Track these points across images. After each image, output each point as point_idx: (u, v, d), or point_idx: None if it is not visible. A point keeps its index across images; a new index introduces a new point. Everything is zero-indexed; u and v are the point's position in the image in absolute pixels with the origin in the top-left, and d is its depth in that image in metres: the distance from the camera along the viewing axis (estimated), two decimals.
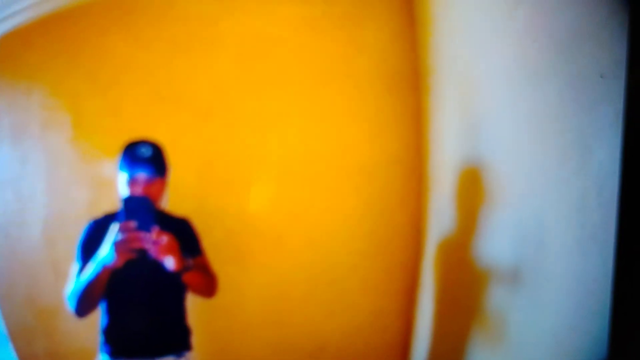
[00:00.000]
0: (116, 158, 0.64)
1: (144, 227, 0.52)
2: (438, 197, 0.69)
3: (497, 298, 0.70)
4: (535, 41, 0.70)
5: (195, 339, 0.63)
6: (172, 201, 0.64)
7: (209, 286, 0.60)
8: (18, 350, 0.64)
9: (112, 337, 0.60)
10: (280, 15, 0.65)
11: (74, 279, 0.58)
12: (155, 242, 0.54)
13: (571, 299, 0.70)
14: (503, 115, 0.70)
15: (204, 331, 0.66)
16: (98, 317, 0.62)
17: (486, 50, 0.69)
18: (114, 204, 0.64)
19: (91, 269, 0.56)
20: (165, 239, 0.54)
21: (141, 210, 0.52)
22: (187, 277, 0.58)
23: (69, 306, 0.57)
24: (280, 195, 0.66)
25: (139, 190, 0.55)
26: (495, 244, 0.70)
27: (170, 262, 0.54)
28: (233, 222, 0.65)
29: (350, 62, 0.67)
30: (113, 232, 0.53)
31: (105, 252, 0.54)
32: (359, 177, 0.67)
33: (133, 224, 0.52)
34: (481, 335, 0.70)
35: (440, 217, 0.69)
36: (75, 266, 0.59)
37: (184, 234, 0.61)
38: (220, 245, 0.66)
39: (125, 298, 0.59)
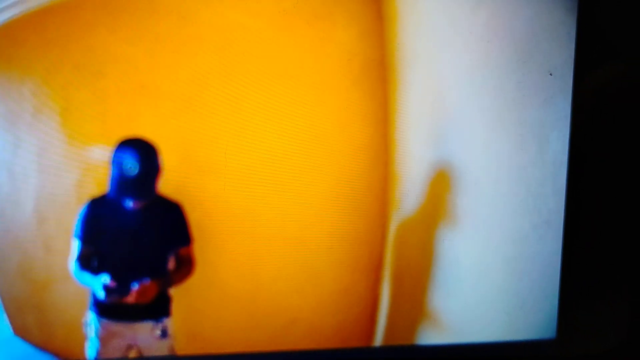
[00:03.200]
0: (101, 143, 0.69)
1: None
2: (403, 182, 0.74)
3: (452, 278, 0.75)
4: (495, 39, 0.74)
5: (174, 309, 0.70)
6: None
7: (185, 279, 0.68)
8: (12, 321, 0.69)
9: (97, 299, 0.66)
10: (256, 8, 0.70)
11: (75, 254, 0.65)
12: (139, 293, 0.63)
13: (525, 280, 0.75)
14: (465, 108, 0.75)
15: (183, 303, 0.72)
16: (87, 289, 0.69)
17: (449, 46, 0.73)
18: (99, 185, 0.69)
19: (85, 279, 0.64)
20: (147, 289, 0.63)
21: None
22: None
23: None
24: (253, 180, 0.72)
25: None
26: (455, 227, 0.75)
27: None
28: (210, 204, 0.71)
29: (320, 56, 0.71)
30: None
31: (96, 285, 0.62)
32: (328, 164, 0.72)
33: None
34: (433, 314, 0.76)
35: (405, 201, 0.74)
36: (74, 242, 0.66)
37: (175, 221, 0.67)
38: (198, 225, 0.72)
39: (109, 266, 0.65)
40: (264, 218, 0.72)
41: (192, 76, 0.69)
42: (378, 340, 0.75)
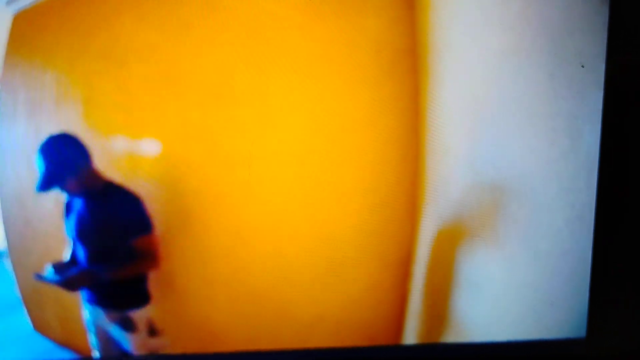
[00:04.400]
0: (125, 133, 0.67)
1: None
2: (433, 176, 0.72)
3: (481, 274, 0.73)
4: (528, 29, 0.72)
5: (197, 308, 0.68)
6: (178, 178, 0.68)
7: (137, 270, 0.66)
8: (31, 314, 0.68)
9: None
10: None
11: None
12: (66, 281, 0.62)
13: (556, 277, 0.73)
14: (496, 100, 0.73)
15: (207, 297, 0.70)
16: None
17: (481, 36, 0.71)
18: (121, 176, 0.67)
19: None
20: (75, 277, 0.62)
21: None
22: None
23: None
24: (280, 173, 0.69)
25: None
26: (486, 222, 0.73)
27: None
28: (237, 197, 0.69)
29: (350, 45, 0.69)
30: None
31: None
32: (356, 157, 0.70)
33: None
34: (462, 311, 0.74)
35: (435, 196, 0.72)
36: None
37: (127, 211, 0.65)
38: (224, 218, 0.70)
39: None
40: (291, 212, 0.70)
41: (219, 65, 0.67)
42: (406, 337, 0.73)
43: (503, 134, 0.73)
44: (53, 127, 0.66)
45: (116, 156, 0.67)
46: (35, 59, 0.64)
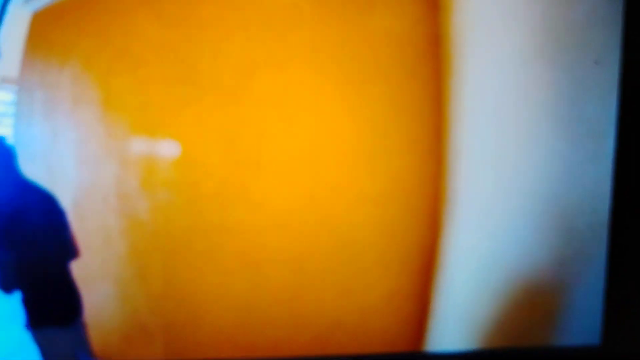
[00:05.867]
0: (143, 135, 0.66)
1: None
2: (456, 180, 0.70)
3: (500, 279, 0.72)
4: (552, 30, 0.71)
5: (215, 310, 0.66)
6: (196, 180, 0.67)
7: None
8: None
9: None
10: None
11: None
12: None
13: (576, 282, 0.72)
14: (520, 102, 0.71)
15: (225, 305, 0.69)
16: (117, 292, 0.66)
17: (506, 37, 0.70)
18: (140, 180, 0.66)
19: None
20: None
21: None
22: None
23: None
24: (299, 175, 0.68)
25: None
26: (507, 227, 0.72)
27: None
28: (255, 201, 0.67)
29: (371, 46, 0.68)
30: None
31: None
32: (376, 158, 0.69)
33: None
34: (481, 317, 0.73)
35: (459, 200, 0.71)
36: None
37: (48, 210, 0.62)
38: (241, 224, 0.68)
39: None
40: (309, 216, 0.69)
41: (239, 64, 0.66)
42: (427, 344, 0.72)
43: (526, 138, 0.72)
44: (70, 127, 0.65)
45: (134, 157, 0.66)
46: (53, 58, 0.63)
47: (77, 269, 0.66)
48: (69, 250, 0.63)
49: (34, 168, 0.64)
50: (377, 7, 0.67)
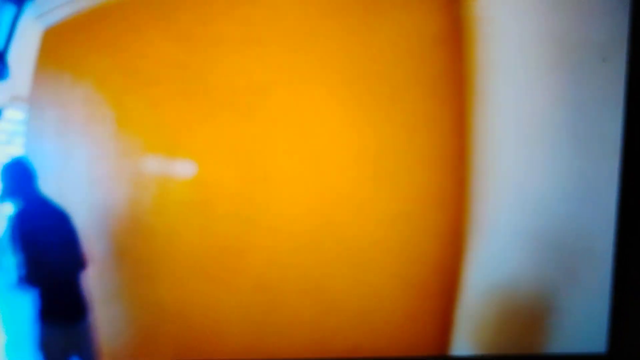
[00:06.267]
0: (157, 154, 0.65)
1: None
2: (479, 200, 0.68)
3: (512, 294, 0.71)
4: (576, 44, 0.69)
5: (231, 334, 0.65)
6: (213, 199, 0.65)
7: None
8: None
9: None
10: (318, 8, 0.65)
11: None
12: None
13: (584, 291, 0.69)
14: (543, 119, 0.69)
15: (243, 329, 0.67)
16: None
17: (528, 52, 0.68)
18: (153, 198, 0.65)
19: None
20: None
21: None
22: None
23: None
24: (315, 195, 0.66)
25: None
26: (525, 245, 0.70)
27: None
28: (271, 222, 0.66)
29: (390, 64, 0.66)
30: None
31: None
32: (396, 178, 0.67)
33: None
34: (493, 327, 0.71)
35: (482, 221, 0.69)
36: None
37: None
38: (257, 245, 0.67)
39: None
40: (326, 236, 0.67)
41: (252, 82, 0.64)
42: None
43: (549, 156, 0.69)
44: (82, 146, 0.64)
45: (147, 176, 0.64)
46: (65, 75, 0.62)
47: (91, 284, 0.65)
48: (79, 261, 0.66)
49: (46, 186, 0.63)
50: (397, 24, 0.65)
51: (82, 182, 0.65)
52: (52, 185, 0.64)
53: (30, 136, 0.63)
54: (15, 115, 0.63)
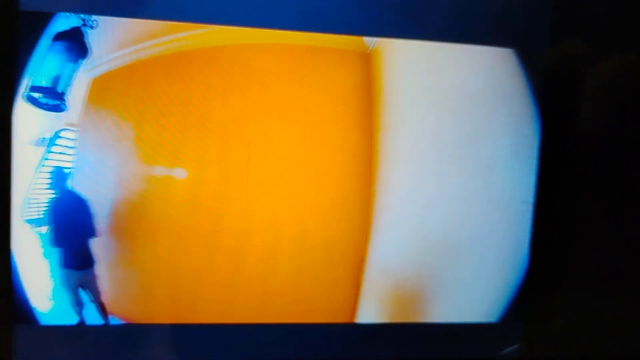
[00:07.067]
0: (163, 164, 0.95)
1: None
2: (382, 198, 0.99)
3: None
4: (458, 96, 0.99)
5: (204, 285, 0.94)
6: (200, 195, 0.95)
7: None
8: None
9: None
10: (279, 60, 0.95)
11: None
12: None
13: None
14: (432, 149, 0.99)
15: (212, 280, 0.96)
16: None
17: (421, 101, 0.99)
18: (157, 193, 0.94)
19: None
20: None
21: None
22: None
23: None
24: (276, 192, 0.96)
25: None
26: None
27: None
28: (242, 211, 0.96)
29: (321, 106, 0.97)
30: None
31: None
32: (326, 183, 0.97)
33: None
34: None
35: (384, 214, 0.99)
36: None
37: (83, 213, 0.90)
38: (231, 227, 0.97)
39: None
40: (282, 222, 0.96)
41: (234, 115, 0.94)
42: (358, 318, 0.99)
43: (436, 173, 0.99)
44: (112, 157, 0.93)
45: (155, 179, 0.94)
46: (103, 110, 0.91)
47: (101, 251, 0.93)
48: (93, 231, 0.91)
49: (86, 184, 0.92)
50: (327, 77, 0.97)
51: (109, 182, 0.93)
52: (90, 184, 0.93)
53: (79, 151, 0.92)
54: (69, 135, 0.92)
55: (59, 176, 0.90)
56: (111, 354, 0.92)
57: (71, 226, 0.91)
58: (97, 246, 0.92)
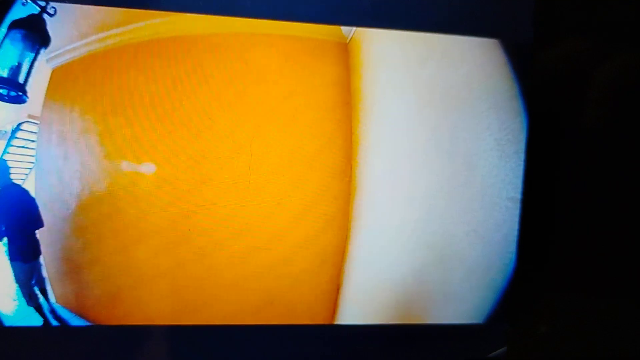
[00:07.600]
0: (129, 159, 0.90)
1: None
2: (361, 196, 0.95)
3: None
4: (440, 88, 0.95)
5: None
6: (169, 190, 0.91)
7: None
8: (55, 291, 0.90)
9: None
10: (262, 54, 0.91)
11: None
12: None
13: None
14: (412, 143, 0.96)
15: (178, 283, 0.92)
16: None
17: (400, 93, 0.95)
18: (125, 188, 0.90)
19: None
20: None
21: None
22: None
23: None
24: (249, 186, 0.92)
25: None
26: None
27: None
28: (212, 209, 0.91)
29: (306, 96, 0.93)
30: None
31: None
32: (305, 180, 0.93)
33: None
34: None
35: (362, 212, 0.95)
36: None
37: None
38: (199, 224, 0.92)
39: None
40: (256, 218, 0.92)
41: (203, 109, 0.90)
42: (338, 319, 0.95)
43: (416, 168, 0.96)
44: (76, 152, 0.89)
45: (122, 175, 0.90)
46: (66, 101, 0.87)
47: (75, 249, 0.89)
48: (38, 222, 0.87)
49: (49, 179, 0.88)
50: (309, 69, 0.93)
51: (75, 178, 0.89)
52: (53, 179, 0.88)
53: (40, 144, 0.88)
54: (30, 128, 0.87)
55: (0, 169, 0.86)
56: (74, 356, 0.88)
57: (14, 218, 0.87)
58: (50, 242, 0.88)
